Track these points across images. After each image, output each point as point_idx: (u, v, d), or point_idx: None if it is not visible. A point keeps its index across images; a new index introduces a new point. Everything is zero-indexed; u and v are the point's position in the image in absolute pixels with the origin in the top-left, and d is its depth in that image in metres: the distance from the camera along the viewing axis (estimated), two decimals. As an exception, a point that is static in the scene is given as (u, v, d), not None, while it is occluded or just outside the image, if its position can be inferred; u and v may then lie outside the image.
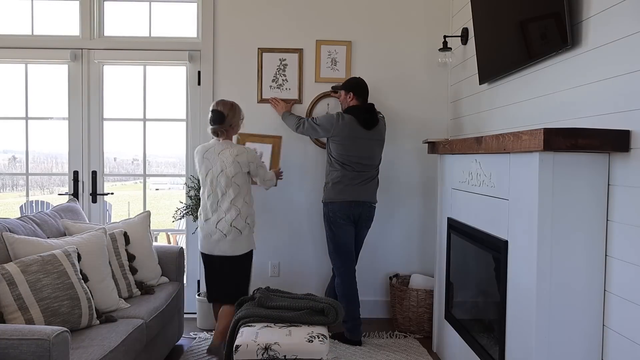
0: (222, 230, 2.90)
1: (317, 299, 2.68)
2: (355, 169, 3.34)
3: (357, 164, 3.35)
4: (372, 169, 3.43)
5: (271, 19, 3.89)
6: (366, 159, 3.38)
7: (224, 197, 2.92)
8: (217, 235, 2.91)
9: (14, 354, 1.80)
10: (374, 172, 3.45)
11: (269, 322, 2.52)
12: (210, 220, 2.94)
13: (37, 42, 3.86)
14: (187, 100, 3.95)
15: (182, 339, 3.45)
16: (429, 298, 3.54)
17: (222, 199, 2.92)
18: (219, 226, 2.91)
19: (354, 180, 3.34)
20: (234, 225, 2.90)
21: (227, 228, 2.89)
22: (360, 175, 3.36)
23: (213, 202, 2.94)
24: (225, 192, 2.91)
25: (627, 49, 1.87)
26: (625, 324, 1.83)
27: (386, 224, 3.97)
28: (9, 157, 4.36)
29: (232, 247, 2.92)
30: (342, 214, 3.34)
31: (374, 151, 3.43)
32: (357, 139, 3.33)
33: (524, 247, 2.04)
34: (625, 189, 1.85)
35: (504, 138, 2.10)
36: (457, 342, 2.89)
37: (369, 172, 3.41)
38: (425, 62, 3.95)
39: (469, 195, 2.70)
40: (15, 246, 2.35)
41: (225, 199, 2.92)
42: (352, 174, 3.34)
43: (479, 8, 3.12)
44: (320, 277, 3.93)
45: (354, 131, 3.32)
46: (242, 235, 2.93)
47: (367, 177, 3.39)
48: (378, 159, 3.48)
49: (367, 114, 3.38)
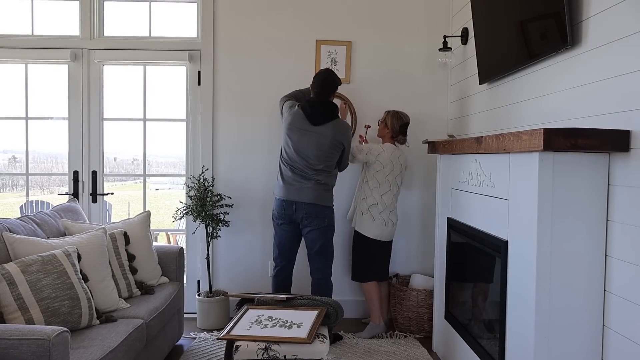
0: (394, 220, 3.52)
1: (317, 299, 2.69)
2: (293, 166, 3.20)
3: (294, 161, 3.19)
4: (312, 171, 3.18)
5: (271, 19, 3.90)
6: (306, 157, 3.17)
7: (397, 194, 3.52)
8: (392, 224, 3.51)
9: (14, 354, 1.80)
10: (317, 176, 3.18)
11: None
12: (395, 213, 3.53)
13: (37, 42, 3.86)
14: (187, 100, 3.95)
15: (182, 339, 3.46)
16: (429, 298, 3.54)
17: (396, 195, 3.52)
18: (392, 217, 3.51)
19: (289, 178, 3.21)
20: (397, 216, 3.57)
21: (395, 218, 3.53)
22: (296, 175, 3.19)
23: (394, 197, 3.50)
24: (399, 190, 3.55)
25: (627, 49, 1.87)
26: (625, 324, 1.83)
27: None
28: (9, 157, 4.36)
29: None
30: (277, 212, 3.27)
31: (319, 151, 3.15)
32: (299, 133, 3.17)
33: (524, 247, 2.04)
34: (625, 189, 1.85)
35: (504, 138, 2.10)
36: (457, 342, 2.89)
37: (308, 174, 3.18)
38: (425, 62, 3.95)
39: (469, 195, 2.70)
40: (15, 246, 2.35)
41: (397, 195, 3.54)
42: (287, 172, 3.23)
43: (479, 8, 3.12)
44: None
45: (297, 123, 3.18)
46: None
47: (306, 178, 3.18)
48: (324, 163, 3.19)
49: (315, 108, 3.17)
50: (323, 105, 3.20)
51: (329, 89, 3.24)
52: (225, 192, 3.91)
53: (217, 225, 3.66)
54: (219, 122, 3.92)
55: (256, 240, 3.96)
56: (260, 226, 3.95)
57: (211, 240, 3.74)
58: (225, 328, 2.39)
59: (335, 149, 3.22)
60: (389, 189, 3.46)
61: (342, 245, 3.97)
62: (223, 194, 3.88)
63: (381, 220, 3.45)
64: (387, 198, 3.46)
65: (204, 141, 3.91)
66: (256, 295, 2.79)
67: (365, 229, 3.48)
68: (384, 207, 3.46)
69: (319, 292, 3.27)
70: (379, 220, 3.45)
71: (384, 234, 3.48)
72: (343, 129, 3.25)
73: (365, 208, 3.48)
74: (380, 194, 3.45)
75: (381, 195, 3.45)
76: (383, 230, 3.47)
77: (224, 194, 3.88)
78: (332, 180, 3.30)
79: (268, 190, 3.88)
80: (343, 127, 3.26)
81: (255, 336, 2.29)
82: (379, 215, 3.45)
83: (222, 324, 3.65)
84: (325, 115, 3.18)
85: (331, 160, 3.23)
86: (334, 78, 3.27)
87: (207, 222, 3.63)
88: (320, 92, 3.23)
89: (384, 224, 3.46)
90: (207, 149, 3.91)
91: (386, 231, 3.48)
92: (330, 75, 3.26)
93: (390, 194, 3.47)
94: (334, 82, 3.26)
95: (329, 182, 3.27)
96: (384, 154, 3.44)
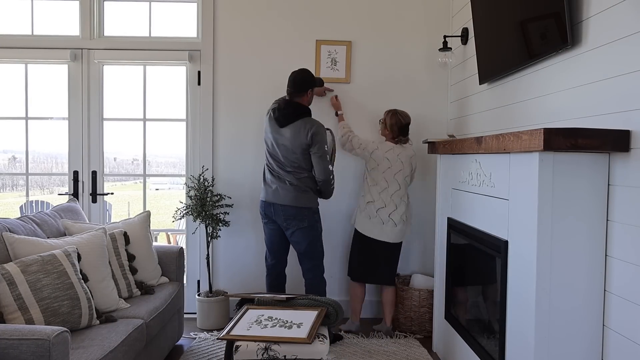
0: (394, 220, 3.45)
1: (317, 299, 2.69)
2: (271, 168, 3.24)
3: (271, 164, 3.24)
4: (284, 173, 3.17)
5: (271, 19, 3.90)
6: (278, 159, 3.19)
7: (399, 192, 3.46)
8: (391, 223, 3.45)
9: (14, 354, 1.80)
10: (290, 178, 3.16)
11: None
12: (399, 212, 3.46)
13: (37, 42, 3.86)
14: (187, 100, 3.95)
15: (182, 339, 3.46)
16: (430, 298, 3.54)
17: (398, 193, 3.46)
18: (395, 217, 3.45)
19: (268, 180, 3.26)
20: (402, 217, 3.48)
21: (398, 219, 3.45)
22: (274, 177, 3.23)
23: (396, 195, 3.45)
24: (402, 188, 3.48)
25: (627, 49, 1.87)
26: (625, 324, 1.83)
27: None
28: (9, 157, 4.36)
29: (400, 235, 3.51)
30: (261, 213, 3.33)
31: (287, 152, 3.13)
32: (272, 136, 3.20)
33: (524, 247, 2.04)
34: (625, 189, 1.85)
35: (504, 138, 2.10)
36: (457, 342, 2.90)
37: (283, 175, 3.18)
38: (425, 62, 3.95)
39: (469, 195, 2.70)
40: (15, 246, 2.35)
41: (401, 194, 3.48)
42: (267, 174, 3.28)
43: (479, 8, 3.12)
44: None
45: (270, 126, 3.23)
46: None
47: (282, 180, 3.19)
48: (294, 164, 3.14)
49: (281, 111, 3.16)
50: (288, 106, 3.17)
51: (299, 87, 3.17)
52: (225, 192, 3.91)
53: (217, 225, 3.67)
54: (219, 122, 3.92)
55: (256, 240, 3.96)
56: (260, 226, 3.94)
57: (211, 240, 3.74)
58: (225, 328, 2.38)
59: (302, 148, 3.12)
60: (387, 186, 3.43)
61: (342, 246, 3.97)
62: (223, 194, 3.88)
63: (377, 218, 3.43)
64: (385, 196, 3.43)
65: (204, 141, 3.91)
66: (256, 295, 2.79)
67: (359, 225, 3.50)
68: (383, 205, 3.43)
69: (312, 292, 3.29)
70: (375, 218, 3.43)
71: (381, 233, 3.43)
72: (307, 129, 3.09)
73: (363, 205, 3.49)
74: (378, 191, 3.44)
75: (379, 192, 3.44)
76: (381, 229, 3.43)
77: (224, 194, 3.88)
78: (306, 182, 3.19)
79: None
80: (307, 126, 3.10)
81: (255, 336, 2.29)
82: (376, 213, 3.43)
83: (222, 324, 3.65)
84: (289, 117, 3.13)
85: (300, 161, 3.14)
86: (305, 76, 3.19)
87: (207, 222, 3.63)
88: (289, 92, 3.21)
89: (381, 222, 3.43)
90: (207, 149, 3.91)
91: (384, 230, 3.43)
92: (301, 74, 3.20)
93: (388, 192, 3.43)
94: (303, 80, 3.18)
95: (303, 184, 3.17)
96: (378, 151, 3.44)
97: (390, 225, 3.44)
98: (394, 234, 3.46)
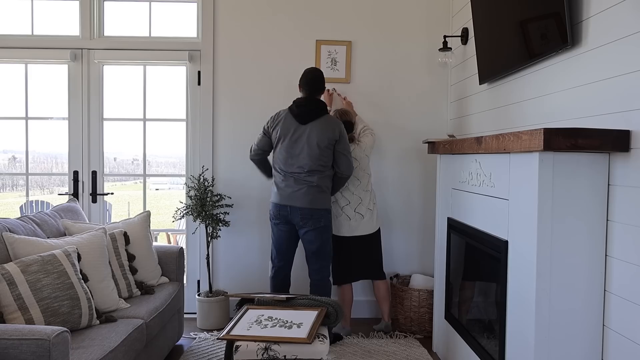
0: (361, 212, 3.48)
1: (317, 299, 2.69)
2: (285, 171, 3.17)
3: (287, 166, 3.16)
4: (304, 173, 3.14)
5: (271, 19, 3.90)
6: (297, 159, 3.14)
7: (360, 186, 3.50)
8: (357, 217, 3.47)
9: (14, 354, 1.80)
10: (310, 178, 3.14)
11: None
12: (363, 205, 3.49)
13: (37, 42, 3.87)
14: (187, 100, 3.95)
15: (182, 339, 3.46)
16: (430, 298, 3.54)
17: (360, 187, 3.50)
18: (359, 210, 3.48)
19: (282, 184, 3.20)
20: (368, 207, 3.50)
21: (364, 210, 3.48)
22: (288, 180, 3.17)
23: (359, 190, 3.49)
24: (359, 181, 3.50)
25: (627, 49, 1.87)
26: (625, 324, 1.83)
27: (386, 224, 3.97)
28: (9, 157, 4.36)
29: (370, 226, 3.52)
30: (273, 213, 3.28)
31: (311, 149, 3.12)
32: (290, 135, 3.15)
33: (524, 247, 2.04)
34: (625, 189, 1.85)
35: (504, 138, 2.10)
36: (457, 342, 2.89)
37: (300, 177, 3.15)
38: (425, 62, 3.95)
39: (468, 195, 2.70)
40: (15, 246, 2.35)
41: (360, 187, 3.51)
42: (280, 178, 3.21)
43: (479, 8, 3.12)
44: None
45: (287, 126, 3.17)
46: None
47: (298, 182, 3.15)
48: (317, 162, 3.14)
49: (302, 107, 3.16)
50: (310, 103, 3.18)
51: (319, 85, 3.23)
52: (225, 192, 3.92)
53: (217, 225, 3.67)
54: (219, 122, 3.92)
55: (256, 240, 3.96)
56: (260, 226, 3.95)
57: (211, 240, 3.74)
58: (225, 328, 2.38)
59: (327, 145, 3.15)
60: (346, 185, 3.46)
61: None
62: (223, 194, 3.88)
63: (344, 216, 3.46)
64: (348, 194, 3.46)
65: (204, 141, 3.91)
66: (256, 295, 2.79)
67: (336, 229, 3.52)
68: (347, 202, 3.46)
69: (318, 294, 3.27)
70: (341, 217, 3.48)
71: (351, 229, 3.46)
72: (333, 125, 3.17)
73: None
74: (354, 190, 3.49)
75: (341, 192, 3.47)
76: (349, 225, 3.46)
77: (224, 194, 3.88)
78: (325, 182, 3.21)
79: (267, 190, 3.88)
80: (333, 122, 3.19)
81: (255, 336, 2.29)
82: (341, 211, 3.47)
83: (222, 324, 3.65)
84: (312, 113, 3.15)
85: (323, 159, 3.16)
86: (320, 74, 3.26)
87: (207, 222, 3.63)
88: (308, 91, 3.22)
89: (348, 219, 3.46)
90: (207, 149, 3.91)
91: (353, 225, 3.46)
92: (317, 72, 3.26)
93: (349, 189, 3.46)
94: (321, 78, 3.25)
95: (322, 184, 3.18)
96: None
97: (358, 219, 3.45)
98: (364, 226, 3.47)
